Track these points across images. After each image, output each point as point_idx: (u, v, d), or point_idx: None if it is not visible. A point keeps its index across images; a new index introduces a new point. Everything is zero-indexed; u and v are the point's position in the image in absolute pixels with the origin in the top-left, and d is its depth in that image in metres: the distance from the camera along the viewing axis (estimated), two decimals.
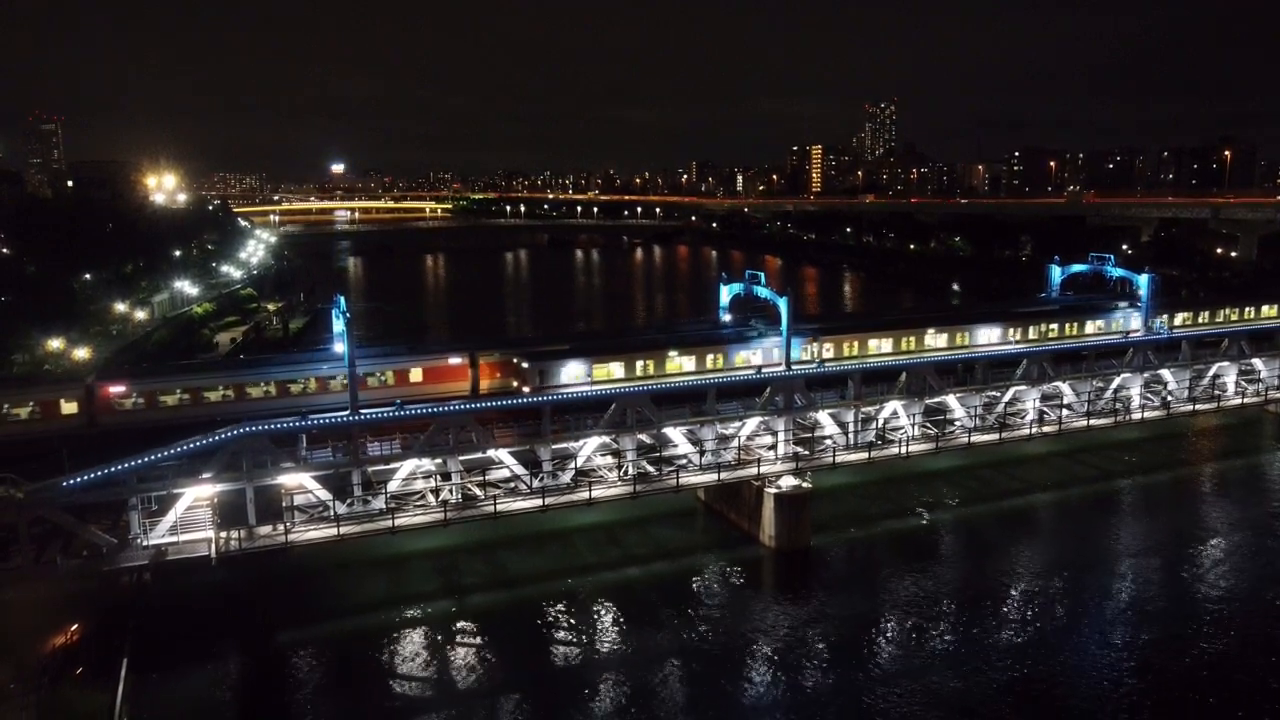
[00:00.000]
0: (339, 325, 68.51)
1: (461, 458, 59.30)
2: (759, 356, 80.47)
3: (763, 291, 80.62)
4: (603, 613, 56.48)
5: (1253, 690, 47.95)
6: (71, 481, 48.89)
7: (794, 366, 73.88)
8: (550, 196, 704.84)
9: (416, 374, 72.77)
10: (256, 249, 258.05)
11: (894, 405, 72.19)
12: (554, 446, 61.82)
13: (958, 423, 74.40)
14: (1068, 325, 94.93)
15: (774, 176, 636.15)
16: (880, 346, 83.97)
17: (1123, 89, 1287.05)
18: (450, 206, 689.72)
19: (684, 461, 65.55)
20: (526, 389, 70.57)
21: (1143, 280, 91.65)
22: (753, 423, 67.88)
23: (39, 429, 61.78)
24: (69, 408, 63.37)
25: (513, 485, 61.07)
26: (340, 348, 68.45)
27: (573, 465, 62.31)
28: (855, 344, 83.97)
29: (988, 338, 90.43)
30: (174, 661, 49.79)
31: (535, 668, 50.44)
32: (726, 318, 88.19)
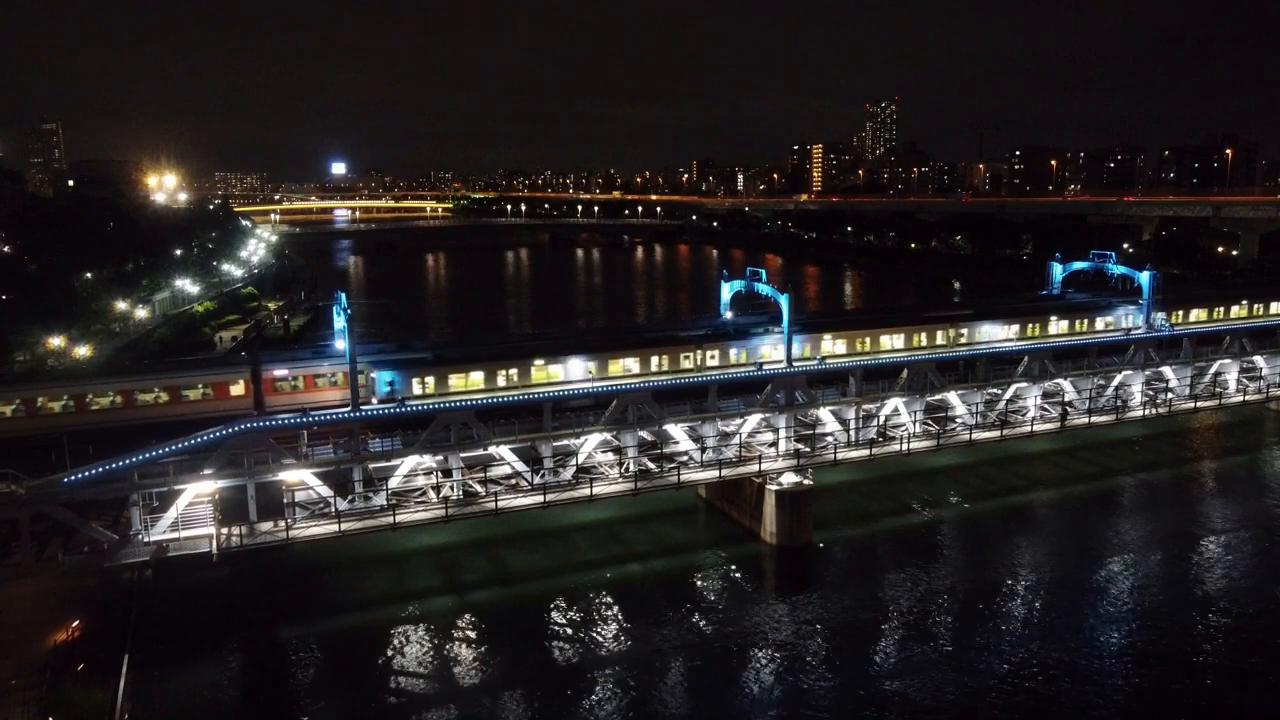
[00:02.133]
0: (340, 322, 68.49)
1: (463, 454, 59.30)
2: (636, 364, 73.79)
3: (764, 289, 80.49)
4: (604, 609, 56.46)
5: (1254, 687, 47.96)
6: (72, 478, 48.93)
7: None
8: (551, 196, 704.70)
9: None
10: (257, 248, 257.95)
11: (895, 402, 72.17)
12: (555, 444, 61.85)
13: (959, 420, 74.35)
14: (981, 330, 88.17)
15: (775, 175, 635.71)
16: (772, 354, 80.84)
17: (1123, 89, 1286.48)
18: (451, 206, 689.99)
19: (685, 458, 65.55)
20: (375, 399, 67.04)
21: (1144, 278, 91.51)
22: (754, 419, 67.85)
23: (210, 408, 64.46)
24: (236, 389, 66.07)
25: (514, 482, 61.07)
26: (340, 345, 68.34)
27: (574, 462, 62.31)
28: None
29: (890, 343, 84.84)
30: (175, 657, 49.83)
31: (536, 664, 50.44)
32: (728, 314, 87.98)
